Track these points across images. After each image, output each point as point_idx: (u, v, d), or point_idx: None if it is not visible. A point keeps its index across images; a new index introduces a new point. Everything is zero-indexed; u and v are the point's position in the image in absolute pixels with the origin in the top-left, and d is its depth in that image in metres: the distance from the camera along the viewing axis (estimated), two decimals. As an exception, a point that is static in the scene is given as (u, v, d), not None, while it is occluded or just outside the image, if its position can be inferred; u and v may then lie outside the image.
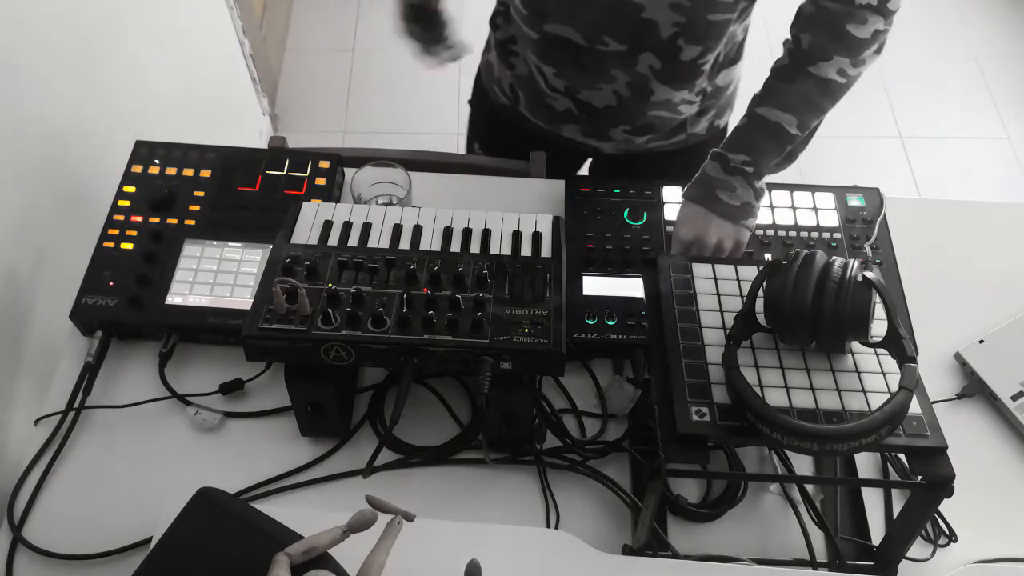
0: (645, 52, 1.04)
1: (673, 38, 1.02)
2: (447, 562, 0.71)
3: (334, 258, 0.88)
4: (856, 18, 0.92)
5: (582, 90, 1.12)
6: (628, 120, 1.15)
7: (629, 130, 1.17)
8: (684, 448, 0.73)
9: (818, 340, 0.76)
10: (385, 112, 2.61)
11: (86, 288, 1.00)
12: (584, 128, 1.20)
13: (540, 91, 1.17)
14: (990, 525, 0.91)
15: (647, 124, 1.16)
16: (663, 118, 1.15)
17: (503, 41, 1.20)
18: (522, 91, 1.21)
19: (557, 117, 1.19)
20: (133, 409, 0.97)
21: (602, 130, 1.19)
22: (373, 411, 0.97)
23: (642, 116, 1.14)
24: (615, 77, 1.08)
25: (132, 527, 0.88)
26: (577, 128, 1.20)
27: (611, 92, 1.11)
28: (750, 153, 0.96)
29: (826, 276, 0.74)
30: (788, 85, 0.95)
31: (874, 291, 0.74)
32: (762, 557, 0.86)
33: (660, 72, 1.07)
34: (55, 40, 1.22)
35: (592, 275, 1.04)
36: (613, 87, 1.10)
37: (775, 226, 1.08)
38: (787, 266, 0.76)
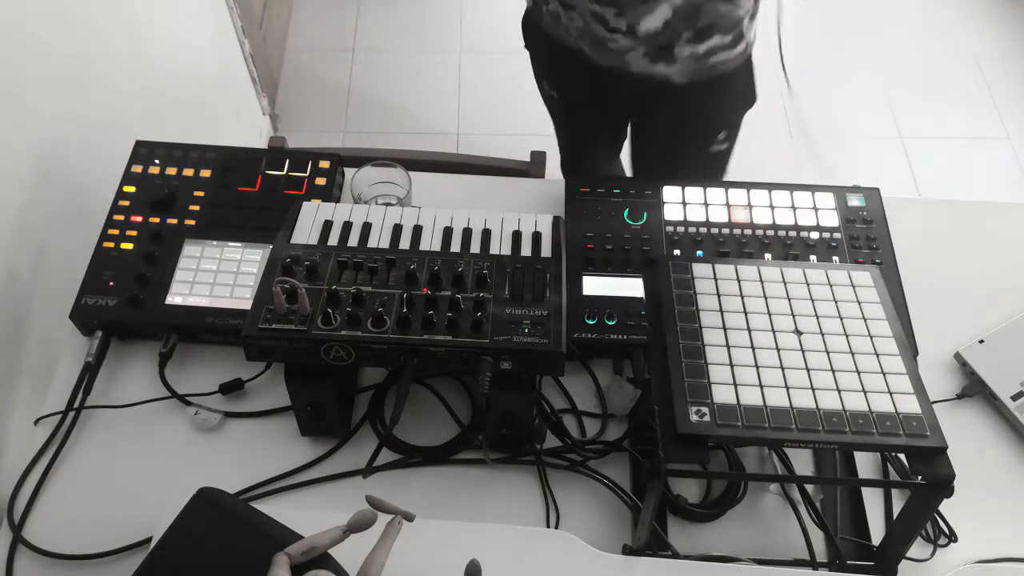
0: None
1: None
2: (447, 562, 0.71)
3: (334, 258, 0.88)
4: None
5: (640, 21, 1.14)
6: (688, 23, 1.16)
7: (692, 37, 1.17)
8: (684, 448, 0.73)
9: None
10: (385, 112, 2.61)
11: (86, 288, 1.00)
12: (650, 53, 1.20)
13: (600, 37, 1.19)
14: (990, 525, 0.91)
15: (708, 24, 1.16)
16: (719, 12, 1.15)
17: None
18: (581, 39, 1.23)
19: (621, 53, 1.20)
20: (133, 409, 0.97)
21: (667, 48, 1.19)
22: (373, 411, 0.98)
23: (699, 13, 1.15)
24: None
25: (132, 527, 0.88)
26: (644, 56, 1.20)
27: (667, 6, 1.12)
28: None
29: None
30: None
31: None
32: (762, 557, 0.86)
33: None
34: (55, 40, 1.22)
35: (592, 275, 1.04)
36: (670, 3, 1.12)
37: (775, 226, 1.08)
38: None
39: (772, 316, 0.83)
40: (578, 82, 1.35)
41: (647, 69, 1.23)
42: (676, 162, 1.39)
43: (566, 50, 1.28)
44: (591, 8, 1.16)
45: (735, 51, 1.23)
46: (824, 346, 0.81)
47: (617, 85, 1.28)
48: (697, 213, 1.10)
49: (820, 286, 0.86)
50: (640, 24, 1.15)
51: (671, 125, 1.36)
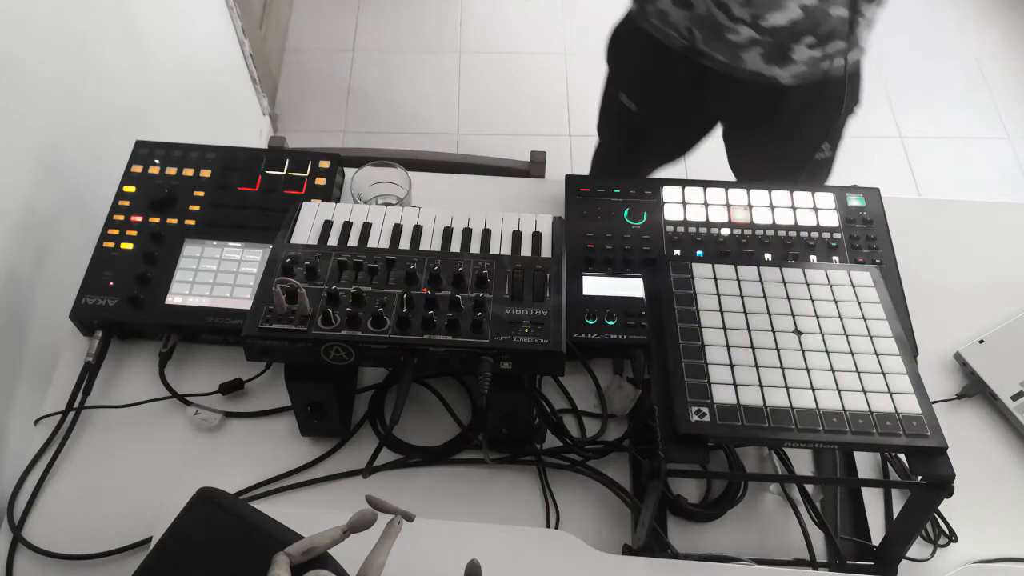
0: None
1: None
2: (447, 562, 0.71)
3: (334, 258, 0.88)
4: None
5: (767, 13, 1.13)
6: (812, 28, 1.15)
7: (813, 42, 1.17)
8: (684, 448, 0.73)
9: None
10: (385, 112, 2.62)
11: (86, 288, 1.00)
12: (767, 52, 1.19)
13: (719, 26, 1.17)
14: (990, 525, 0.91)
15: (830, 31, 1.16)
16: (844, 18, 1.14)
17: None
18: (699, 29, 1.21)
19: (738, 47, 1.19)
20: (133, 409, 0.97)
21: (786, 48, 1.18)
22: (373, 411, 0.98)
23: (826, 18, 1.14)
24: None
25: (132, 527, 0.88)
26: (760, 54, 1.19)
27: (797, 6, 1.12)
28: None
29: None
30: None
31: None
32: (762, 557, 0.86)
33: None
34: (55, 40, 1.22)
35: (592, 275, 1.04)
36: (800, 3, 1.11)
37: (775, 226, 1.08)
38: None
39: (772, 316, 0.83)
40: (671, 89, 1.32)
41: (759, 67, 1.21)
42: (779, 171, 1.37)
43: (668, 53, 1.26)
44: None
45: (849, 58, 1.21)
46: (824, 346, 0.80)
47: (720, 88, 1.26)
48: (697, 213, 1.10)
49: (820, 286, 0.86)
50: (767, 17, 1.13)
51: (774, 132, 1.34)
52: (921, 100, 2.65)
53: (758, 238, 1.07)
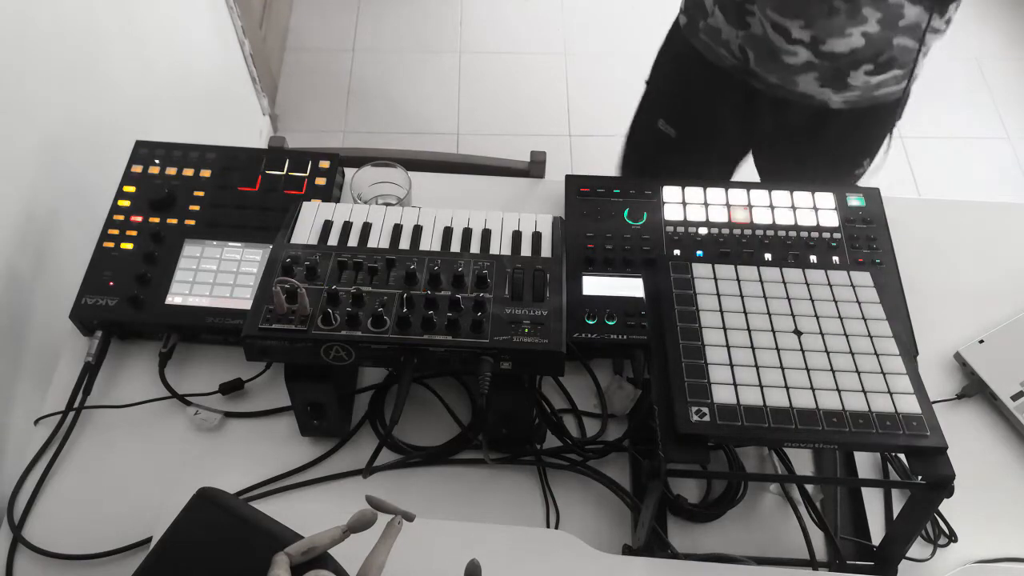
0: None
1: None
2: (447, 562, 0.71)
3: (334, 258, 0.88)
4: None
5: (828, 39, 1.11)
6: (872, 57, 1.14)
7: (871, 69, 1.15)
8: (684, 448, 0.73)
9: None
10: (385, 112, 2.62)
11: (86, 288, 1.00)
12: (823, 76, 1.17)
13: (776, 49, 1.15)
14: (990, 525, 0.91)
15: (889, 59, 1.14)
16: (906, 48, 1.13)
17: (738, 2, 1.17)
18: (753, 49, 1.19)
19: (794, 70, 1.17)
20: (133, 409, 0.97)
21: (842, 75, 1.17)
22: (373, 411, 0.98)
23: (888, 47, 1.13)
24: (867, 17, 1.08)
25: (132, 527, 0.88)
26: (815, 77, 1.18)
27: (860, 34, 1.10)
28: None
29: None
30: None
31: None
32: (762, 557, 0.86)
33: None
34: (55, 40, 1.22)
35: (592, 275, 1.04)
36: (863, 28, 1.10)
37: (775, 226, 1.08)
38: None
39: (772, 316, 0.83)
40: (715, 111, 1.30)
41: (812, 91, 1.19)
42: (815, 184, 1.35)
43: (716, 73, 1.24)
44: (772, 18, 1.12)
45: (903, 84, 1.21)
46: (824, 346, 0.81)
47: (766, 109, 1.25)
48: (697, 213, 1.10)
49: (820, 286, 0.86)
50: (827, 41, 1.12)
51: (814, 149, 1.32)
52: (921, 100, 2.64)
53: (758, 238, 1.07)
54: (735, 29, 1.19)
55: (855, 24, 1.09)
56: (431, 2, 2.90)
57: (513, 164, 1.35)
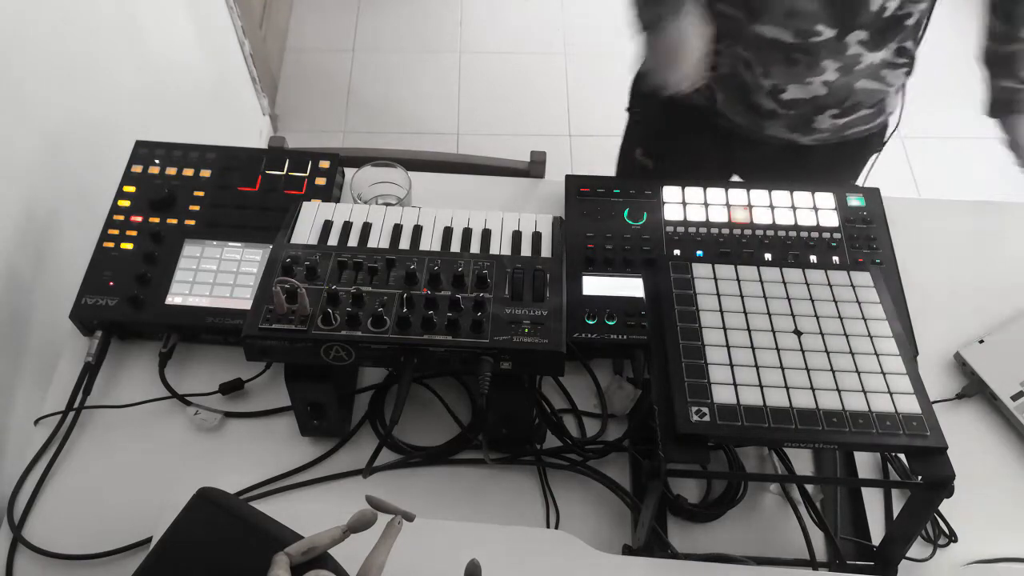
0: (855, 31, 1.04)
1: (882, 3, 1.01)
2: (447, 562, 0.71)
3: (334, 258, 0.88)
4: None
5: (789, 86, 1.11)
6: (837, 103, 1.14)
7: (837, 113, 1.15)
8: (684, 448, 0.73)
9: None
10: (385, 112, 2.62)
11: (86, 288, 1.00)
12: (789, 123, 1.17)
13: (745, 85, 1.15)
14: (990, 525, 0.91)
15: (855, 103, 1.15)
16: (869, 90, 1.13)
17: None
18: (721, 91, 1.19)
19: (762, 114, 1.17)
20: (133, 409, 0.97)
21: (808, 120, 1.17)
22: (373, 411, 0.98)
23: (851, 93, 1.13)
24: (825, 68, 1.08)
25: (132, 527, 0.88)
26: (782, 123, 1.18)
27: (820, 83, 1.10)
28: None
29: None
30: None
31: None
32: (762, 557, 0.86)
33: (868, 42, 1.06)
34: (55, 40, 1.22)
35: (592, 275, 1.04)
36: (823, 77, 1.09)
37: (775, 226, 1.08)
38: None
39: (772, 316, 0.83)
40: (688, 148, 1.29)
41: (780, 134, 1.19)
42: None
43: (686, 111, 1.23)
44: (741, 54, 1.12)
45: (875, 122, 1.21)
46: (824, 346, 0.81)
47: (739, 147, 1.24)
48: (697, 213, 1.10)
49: (820, 286, 0.86)
50: (787, 90, 1.12)
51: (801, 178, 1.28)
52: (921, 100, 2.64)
53: (758, 238, 1.07)
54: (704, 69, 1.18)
55: (814, 74, 1.09)
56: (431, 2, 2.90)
57: (513, 164, 1.35)
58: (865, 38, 1.05)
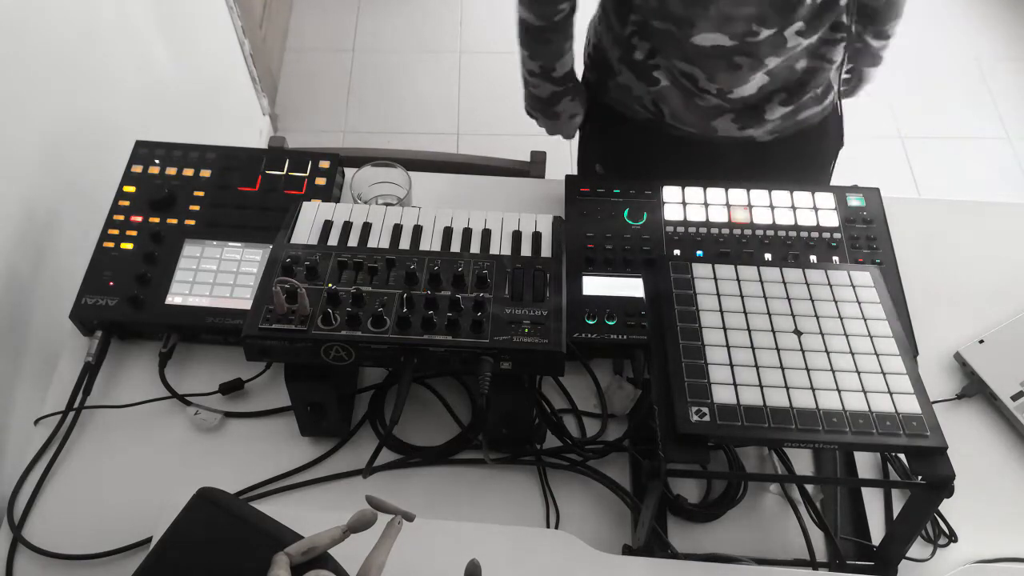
0: (793, 24, 1.03)
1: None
2: (447, 562, 0.71)
3: (334, 258, 0.88)
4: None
5: (735, 88, 1.11)
6: (782, 86, 1.13)
7: (785, 98, 1.15)
8: (684, 448, 0.73)
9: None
10: (385, 112, 2.62)
11: (86, 288, 1.00)
12: (739, 118, 1.16)
13: (689, 93, 1.14)
14: (990, 525, 0.91)
15: (799, 83, 1.14)
16: (811, 69, 1.13)
17: (642, 60, 1.15)
18: (667, 103, 1.17)
19: (710, 115, 1.16)
20: (133, 409, 0.97)
21: (759, 111, 1.16)
22: (373, 411, 0.98)
23: (793, 74, 1.12)
24: (767, 64, 1.08)
25: (132, 527, 0.88)
26: (732, 119, 1.17)
27: (763, 74, 1.09)
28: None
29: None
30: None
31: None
32: (762, 557, 0.86)
33: (806, 31, 1.05)
34: (55, 40, 1.22)
35: (592, 275, 1.04)
36: (765, 71, 1.09)
37: (775, 226, 1.08)
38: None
39: (772, 316, 0.83)
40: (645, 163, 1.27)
41: (732, 133, 1.18)
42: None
43: (635, 127, 1.22)
44: (679, 66, 1.11)
45: (823, 103, 1.20)
46: (824, 346, 0.81)
47: (697, 153, 1.22)
48: (697, 213, 1.10)
49: (820, 286, 0.86)
50: (733, 91, 1.11)
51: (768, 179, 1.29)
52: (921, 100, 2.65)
53: (758, 238, 1.07)
54: (645, 86, 1.17)
55: (756, 71, 1.09)
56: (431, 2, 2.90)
57: (513, 164, 1.35)
58: (802, 28, 1.05)
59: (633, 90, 1.19)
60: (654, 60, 1.13)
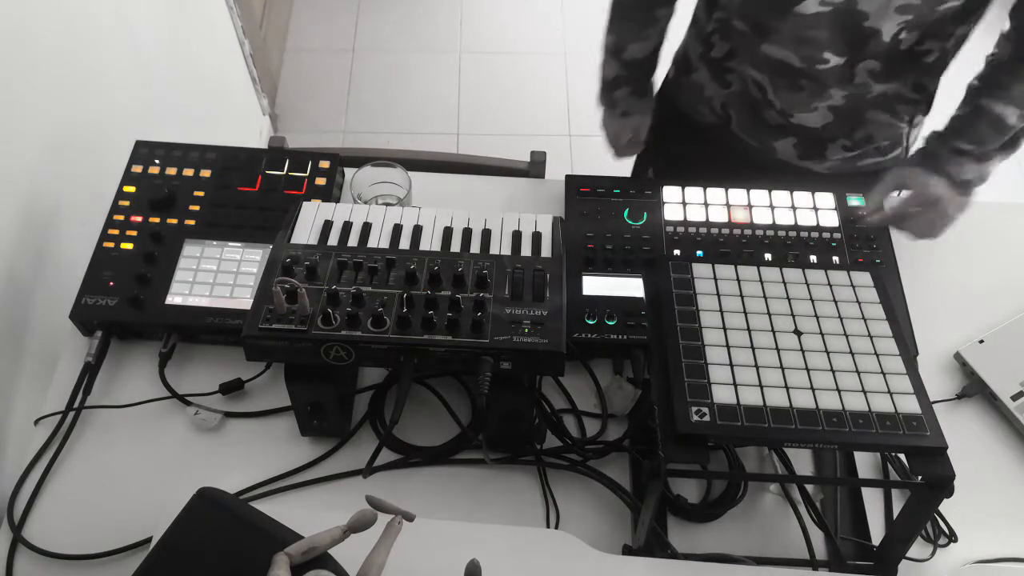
0: (865, 60, 1.01)
1: (896, 35, 0.98)
2: (447, 562, 0.71)
3: (334, 258, 0.88)
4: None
5: (796, 112, 1.09)
6: (846, 132, 1.11)
7: (848, 145, 1.13)
8: (684, 448, 0.73)
9: None
10: (385, 112, 2.62)
11: (86, 288, 1.00)
12: (800, 145, 1.15)
13: (757, 104, 1.12)
14: (990, 525, 0.91)
15: (866, 135, 1.12)
16: (880, 122, 1.11)
17: (719, 59, 1.14)
18: (735, 110, 1.17)
19: (773, 133, 1.14)
20: (133, 409, 0.97)
21: (819, 148, 1.14)
22: (373, 411, 0.98)
23: (860, 123, 1.10)
24: (832, 95, 1.06)
25: (132, 527, 0.88)
26: (794, 144, 1.15)
27: (826, 109, 1.08)
28: (974, 142, 0.99)
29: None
30: (1010, 78, 0.99)
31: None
32: (762, 557, 0.86)
33: (879, 73, 1.03)
34: (55, 40, 1.22)
35: (592, 275, 1.04)
36: (829, 103, 1.07)
37: (775, 226, 1.08)
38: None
39: (772, 316, 0.83)
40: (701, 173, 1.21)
41: (791, 159, 1.17)
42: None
43: (698, 132, 1.21)
44: (751, 74, 1.10)
45: (890, 155, 1.18)
46: (824, 346, 0.81)
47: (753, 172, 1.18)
48: (697, 213, 1.10)
49: (820, 286, 0.86)
50: (794, 115, 1.10)
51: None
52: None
53: (758, 238, 1.07)
54: (718, 87, 1.17)
55: (820, 100, 1.07)
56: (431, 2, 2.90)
57: (513, 164, 1.35)
58: (876, 68, 1.02)
59: (705, 89, 1.19)
60: (730, 63, 1.12)
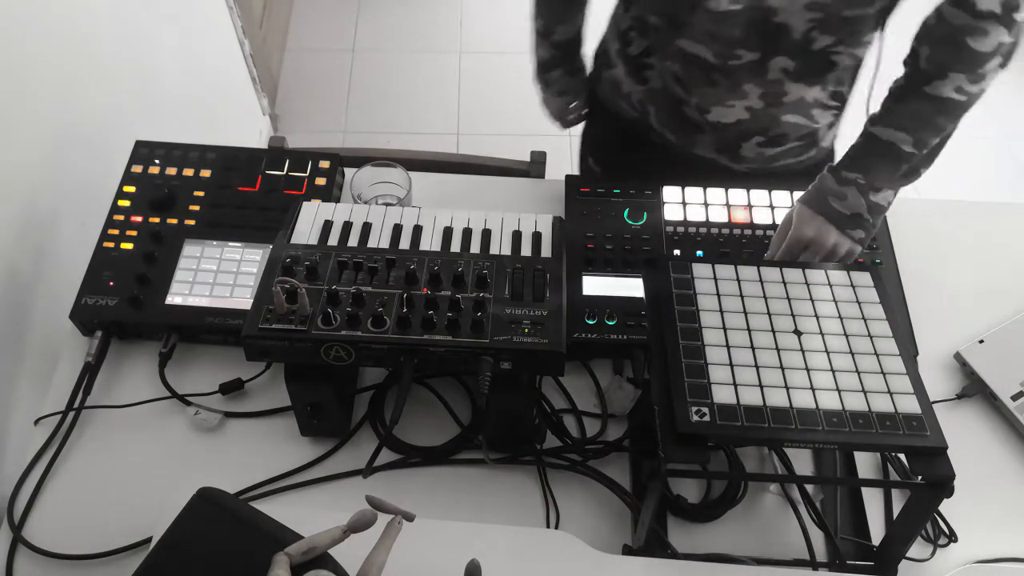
0: (777, 56, 1.01)
1: (807, 33, 0.98)
2: (447, 562, 0.71)
3: (334, 258, 0.88)
4: (977, 31, 0.90)
5: (712, 108, 1.09)
6: (761, 130, 1.11)
7: (763, 141, 1.13)
8: (684, 448, 0.73)
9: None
10: (385, 112, 2.62)
11: (86, 288, 1.00)
12: (717, 142, 1.15)
13: (675, 100, 1.12)
14: (990, 525, 0.91)
15: (780, 134, 1.12)
16: (796, 124, 1.11)
17: (636, 56, 1.14)
18: (653, 105, 1.16)
19: (691, 128, 1.14)
20: (133, 409, 0.97)
21: (734, 145, 1.14)
22: (373, 411, 0.98)
23: (776, 124, 1.10)
24: (747, 92, 1.05)
25: (132, 527, 0.88)
26: (710, 142, 1.15)
27: (743, 107, 1.07)
28: (864, 172, 0.96)
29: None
30: (901, 105, 0.96)
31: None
32: (762, 557, 0.86)
33: (793, 72, 1.03)
34: (55, 40, 1.22)
35: (592, 275, 1.04)
36: (745, 102, 1.07)
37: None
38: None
39: (772, 316, 0.83)
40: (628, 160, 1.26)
41: (710, 155, 1.17)
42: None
43: (622, 123, 1.22)
44: (672, 68, 1.09)
45: (806, 155, 1.17)
46: (824, 346, 0.81)
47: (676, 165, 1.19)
48: (697, 213, 1.10)
49: (820, 286, 0.86)
50: (711, 111, 1.09)
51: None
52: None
53: (758, 238, 1.07)
54: (634, 83, 1.16)
55: (736, 97, 1.07)
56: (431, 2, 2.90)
57: (513, 164, 1.35)
58: (790, 67, 1.02)
59: (623, 86, 1.19)
60: (649, 59, 1.12)
